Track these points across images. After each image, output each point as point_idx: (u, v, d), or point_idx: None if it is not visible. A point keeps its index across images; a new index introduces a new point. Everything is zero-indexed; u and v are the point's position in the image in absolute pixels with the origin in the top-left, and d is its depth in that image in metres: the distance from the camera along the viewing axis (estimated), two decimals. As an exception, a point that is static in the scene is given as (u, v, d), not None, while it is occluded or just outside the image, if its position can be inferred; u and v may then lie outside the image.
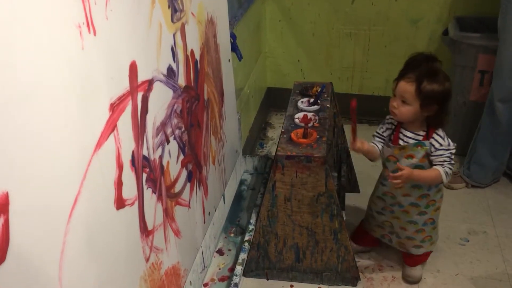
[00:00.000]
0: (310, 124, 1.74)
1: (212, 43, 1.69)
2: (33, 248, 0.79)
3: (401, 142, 1.66)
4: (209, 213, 1.78)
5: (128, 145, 1.08)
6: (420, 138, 1.64)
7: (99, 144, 0.96)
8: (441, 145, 1.61)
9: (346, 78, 2.90)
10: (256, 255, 1.83)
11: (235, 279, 1.77)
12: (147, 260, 1.24)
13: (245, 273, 1.87)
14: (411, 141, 1.64)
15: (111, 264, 1.06)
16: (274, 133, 2.92)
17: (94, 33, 0.91)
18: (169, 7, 1.27)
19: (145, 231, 1.21)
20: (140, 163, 1.15)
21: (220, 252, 1.96)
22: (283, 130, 1.75)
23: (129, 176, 1.10)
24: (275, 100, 3.07)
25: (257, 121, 2.79)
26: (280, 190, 1.66)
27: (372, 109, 2.93)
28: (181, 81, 1.39)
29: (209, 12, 1.62)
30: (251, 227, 1.98)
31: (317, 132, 1.71)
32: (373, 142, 1.75)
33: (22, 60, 0.73)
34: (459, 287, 1.84)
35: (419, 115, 1.59)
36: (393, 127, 1.71)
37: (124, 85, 1.05)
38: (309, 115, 1.81)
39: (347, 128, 2.82)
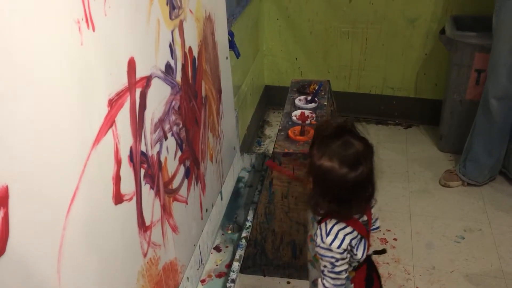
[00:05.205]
0: (307, 122, 1.75)
1: (210, 40, 1.69)
2: (32, 241, 0.80)
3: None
4: (207, 209, 1.79)
5: (126, 141, 1.09)
6: (318, 219, 1.21)
7: (97, 139, 0.96)
8: (322, 241, 1.14)
9: (343, 77, 2.91)
10: (253, 251, 1.84)
11: (232, 275, 1.78)
12: (145, 255, 1.24)
13: (242, 270, 1.88)
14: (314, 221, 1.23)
15: (109, 258, 1.06)
16: (271, 131, 2.93)
17: (93, 29, 0.92)
18: (167, 4, 1.28)
19: (143, 226, 1.22)
20: (138, 158, 1.16)
21: (217, 248, 1.97)
22: (280, 127, 1.76)
23: (127, 172, 1.10)
24: (273, 98, 3.08)
25: (254, 119, 2.79)
26: (277, 187, 1.67)
27: (369, 108, 2.95)
28: (179, 78, 1.40)
29: (207, 10, 1.63)
30: (248, 224, 1.99)
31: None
32: None
33: (21, 54, 0.74)
34: (454, 284, 1.85)
35: None
36: None
37: (122, 81, 1.05)
38: (307, 112, 1.82)
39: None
